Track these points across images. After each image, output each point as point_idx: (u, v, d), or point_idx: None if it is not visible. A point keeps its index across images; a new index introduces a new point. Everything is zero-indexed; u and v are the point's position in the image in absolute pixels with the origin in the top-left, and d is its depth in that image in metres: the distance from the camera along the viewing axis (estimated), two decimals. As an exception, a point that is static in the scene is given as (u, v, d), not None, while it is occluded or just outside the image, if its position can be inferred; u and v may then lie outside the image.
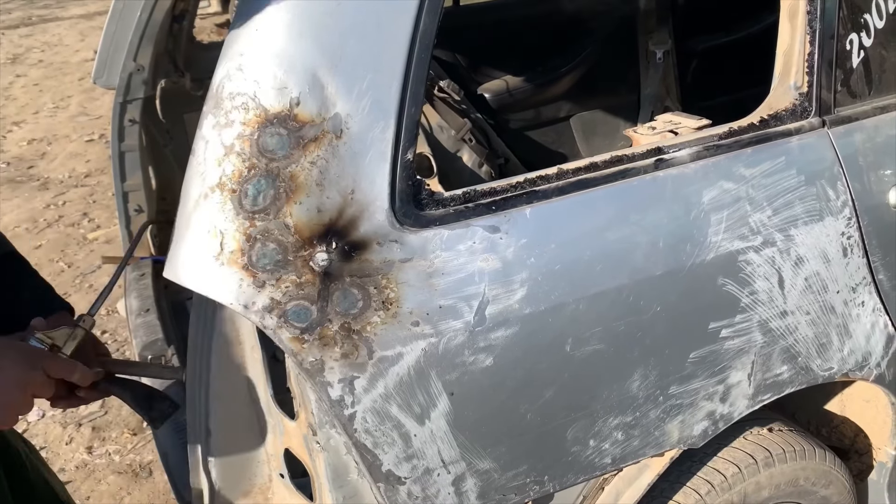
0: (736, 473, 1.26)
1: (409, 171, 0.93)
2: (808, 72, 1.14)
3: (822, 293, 1.14)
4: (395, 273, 0.92)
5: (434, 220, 0.94)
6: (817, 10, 1.13)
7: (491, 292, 0.95)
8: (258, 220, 0.87)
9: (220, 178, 0.88)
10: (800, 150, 1.12)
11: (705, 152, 1.08)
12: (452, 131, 2.26)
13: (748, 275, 1.08)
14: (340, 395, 0.90)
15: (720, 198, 1.06)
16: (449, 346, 0.93)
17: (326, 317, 0.89)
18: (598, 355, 1.01)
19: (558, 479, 1.05)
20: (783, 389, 1.16)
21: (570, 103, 2.52)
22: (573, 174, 1.02)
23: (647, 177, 1.05)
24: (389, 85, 0.91)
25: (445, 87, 2.23)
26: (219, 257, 0.87)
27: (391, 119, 0.91)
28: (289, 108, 0.88)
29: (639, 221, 1.03)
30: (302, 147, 0.88)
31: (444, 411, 0.95)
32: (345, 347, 0.90)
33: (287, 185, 0.88)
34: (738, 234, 1.07)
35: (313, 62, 0.88)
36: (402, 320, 0.92)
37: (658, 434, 1.09)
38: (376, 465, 0.93)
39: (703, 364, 1.08)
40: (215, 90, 0.89)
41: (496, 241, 0.96)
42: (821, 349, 1.17)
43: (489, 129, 2.35)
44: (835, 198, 1.13)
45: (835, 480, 1.37)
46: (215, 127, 0.88)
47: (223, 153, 0.88)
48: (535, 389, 0.99)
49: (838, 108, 1.17)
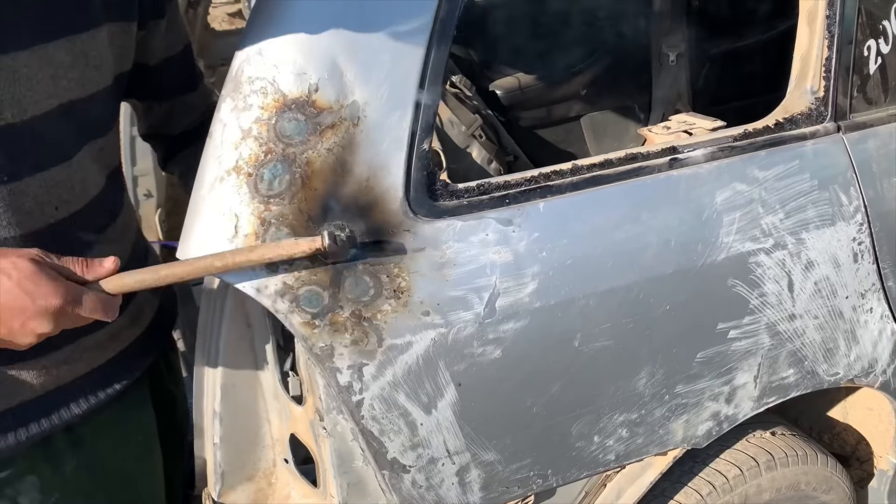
0: (738, 475, 1.26)
1: (425, 161, 0.93)
2: (825, 76, 1.14)
3: (831, 298, 1.14)
4: (408, 262, 0.92)
5: (447, 211, 0.95)
6: (836, 15, 1.13)
7: (502, 285, 0.95)
8: (273, 204, 0.88)
9: (236, 162, 0.88)
10: (814, 154, 1.12)
11: (720, 153, 1.08)
12: (463, 127, 2.26)
13: (758, 277, 1.08)
14: (349, 382, 0.90)
15: (733, 199, 1.06)
16: (458, 336, 0.94)
17: (338, 303, 0.90)
18: (605, 352, 1.02)
19: (561, 473, 1.05)
20: (788, 393, 1.16)
21: (581, 103, 2.51)
22: (587, 170, 1.02)
23: (660, 175, 1.05)
24: (408, 74, 0.91)
25: (457, 83, 2.23)
26: (233, 240, 0.88)
27: (408, 108, 0.91)
28: (307, 94, 0.88)
29: (651, 220, 1.03)
30: (319, 133, 0.89)
31: (451, 401, 0.95)
32: (355, 334, 0.90)
33: (303, 170, 0.88)
34: (749, 235, 1.07)
35: (333, 49, 0.89)
36: (413, 309, 0.92)
37: (662, 433, 1.09)
38: (382, 453, 0.94)
39: (710, 364, 1.08)
40: (234, 73, 0.89)
41: (509, 233, 0.96)
42: (827, 354, 1.17)
43: (499, 125, 2.35)
44: (847, 203, 1.13)
45: (836, 486, 1.37)
46: (233, 110, 0.89)
47: (240, 137, 0.88)
48: (542, 383, 1.00)
49: (854, 113, 1.17)
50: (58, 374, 0.93)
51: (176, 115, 1.16)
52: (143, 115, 1.18)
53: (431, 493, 0.98)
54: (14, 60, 0.83)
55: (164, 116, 1.16)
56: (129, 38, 0.99)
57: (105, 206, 0.98)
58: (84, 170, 0.93)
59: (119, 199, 1.04)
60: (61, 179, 0.90)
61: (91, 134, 0.95)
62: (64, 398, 0.95)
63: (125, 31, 0.97)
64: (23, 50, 0.83)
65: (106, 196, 0.98)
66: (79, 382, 0.96)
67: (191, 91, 1.16)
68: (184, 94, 1.15)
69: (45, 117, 0.87)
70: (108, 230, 0.99)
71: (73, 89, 0.89)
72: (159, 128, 1.18)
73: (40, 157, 0.88)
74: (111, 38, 0.94)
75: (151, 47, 1.05)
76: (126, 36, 0.98)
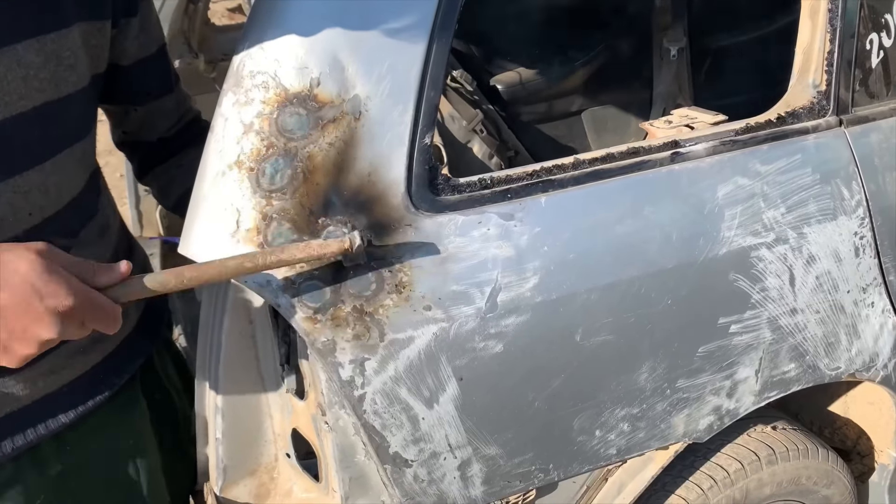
0: (739, 470, 1.26)
1: (426, 155, 0.93)
2: (827, 70, 1.14)
3: (833, 292, 1.14)
4: (409, 257, 0.92)
5: (449, 205, 0.94)
6: (838, 9, 1.13)
7: (503, 279, 0.95)
8: (275, 199, 0.88)
9: (238, 156, 0.88)
10: (816, 148, 1.12)
11: (721, 147, 1.08)
12: (464, 122, 2.25)
13: (760, 271, 1.08)
14: (351, 376, 0.91)
15: (735, 193, 1.06)
16: (460, 331, 0.94)
17: (340, 298, 0.90)
18: (607, 346, 1.02)
19: (563, 467, 1.05)
20: (790, 387, 1.16)
21: (582, 98, 2.51)
22: (589, 164, 1.02)
23: (662, 170, 1.05)
24: (409, 68, 0.91)
25: (458, 77, 2.22)
26: (234, 235, 0.88)
27: (410, 103, 0.91)
28: (309, 89, 0.88)
29: (653, 214, 1.03)
30: (321, 128, 0.88)
31: (453, 396, 0.95)
32: (357, 329, 0.90)
33: (305, 165, 0.88)
34: (751, 230, 1.07)
35: (335, 43, 0.88)
36: (415, 304, 0.92)
37: (664, 427, 1.09)
38: (384, 447, 0.94)
39: (712, 359, 1.09)
40: (236, 68, 0.89)
41: (510, 228, 0.96)
42: (829, 348, 1.17)
43: (500, 120, 2.35)
44: (849, 197, 1.13)
45: (836, 481, 1.37)
46: (235, 105, 0.89)
47: (242, 131, 0.88)
48: (543, 378, 1.00)
49: (856, 107, 1.17)
50: (44, 384, 0.91)
51: (152, 119, 1.12)
52: (117, 121, 1.13)
53: (433, 488, 0.98)
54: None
55: (140, 122, 1.12)
56: (104, 38, 0.95)
57: (80, 209, 0.95)
58: (59, 174, 0.89)
59: (95, 201, 1.00)
60: (36, 184, 0.86)
61: (67, 137, 0.91)
62: (51, 407, 0.92)
63: (99, 30, 0.94)
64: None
65: (81, 199, 0.95)
66: (65, 390, 0.94)
67: (167, 94, 1.12)
68: (160, 97, 1.11)
69: (18, 120, 0.82)
70: (82, 233, 0.95)
71: (46, 90, 0.86)
72: (135, 134, 1.14)
73: (14, 161, 0.84)
74: (84, 37, 0.91)
75: (124, 47, 1.02)
76: (100, 35, 0.94)
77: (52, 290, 0.69)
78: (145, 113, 1.12)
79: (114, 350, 1.00)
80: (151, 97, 1.11)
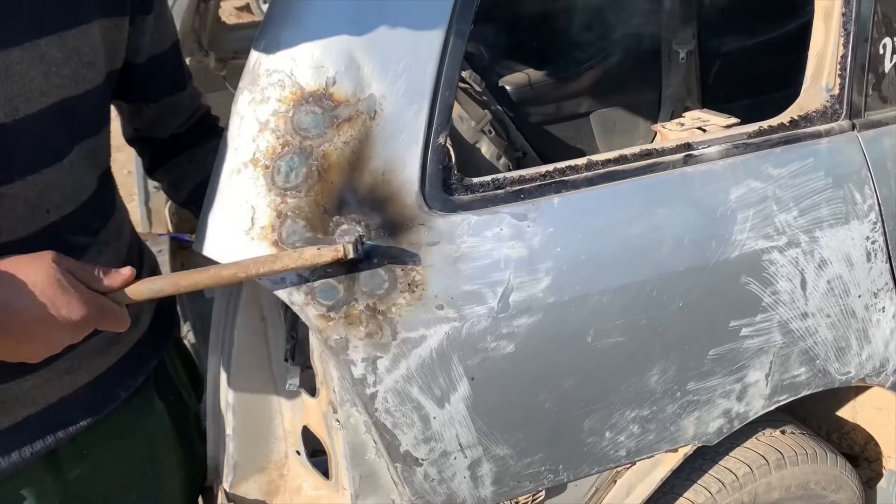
0: (747, 473, 1.26)
1: (441, 155, 0.93)
2: (840, 74, 1.14)
3: (844, 297, 1.14)
4: (422, 256, 0.92)
5: (462, 205, 0.95)
6: (852, 13, 1.13)
7: (516, 280, 0.95)
8: (290, 196, 0.88)
9: (253, 154, 0.88)
10: (829, 152, 1.12)
11: (734, 150, 1.08)
12: (472, 122, 2.26)
13: (771, 275, 1.08)
14: (363, 374, 0.91)
15: (747, 196, 1.06)
16: (472, 331, 0.94)
17: (353, 296, 0.90)
18: (618, 348, 1.02)
19: (573, 469, 1.06)
20: (800, 391, 1.16)
21: (590, 99, 2.51)
22: (602, 165, 1.02)
23: (675, 172, 1.05)
24: (424, 68, 0.91)
25: (467, 78, 2.23)
26: (249, 232, 0.88)
27: (425, 102, 0.91)
28: (324, 87, 0.88)
29: (665, 216, 1.03)
30: (336, 126, 0.89)
31: (464, 395, 0.95)
32: (369, 327, 0.90)
33: (319, 163, 0.89)
34: (763, 233, 1.07)
35: (350, 42, 0.89)
36: (427, 303, 0.92)
37: (674, 429, 1.09)
38: (395, 446, 0.94)
39: (723, 362, 1.08)
40: (252, 66, 0.90)
41: (523, 228, 0.96)
42: (839, 353, 1.17)
43: (509, 121, 2.35)
44: (861, 202, 1.13)
45: (845, 486, 1.37)
46: (251, 103, 0.89)
47: (258, 129, 0.88)
48: (554, 378, 1.00)
49: (869, 111, 1.16)
50: (60, 385, 0.92)
51: (164, 116, 1.13)
52: (129, 117, 1.14)
53: (443, 487, 0.98)
54: (6, 57, 0.79)
55: (153, 118, 1.12)
56: (122, 34, 0.95)
57: (97, 207, 0.95)
58: (76, 171, 0.90)
59: (111, 201, 1.01)
60: (53, 182, 0.86)
61: (83, 134, 0.91)
62: (68, 409, 0.93)
63: (117, 27, 0.94)
64: (15, 46, 0.80)
65: (98, 198, 0.95)
66: (82, 392, 0.94)
67: (180, 91, 1.12)
68: (173, 94, 1.11)
69: (38, 117, 0.83)
70: (102, 233, 0.96)
71: (67, 87, 0.86)
72: (147, 130, 1.15)
73: (32, 159, 0.84)
74: (103, 33, 0.91)
75: (139, 44, 1.01)
76: (118, 31, 0.94)
77: (65, 301, 0.74)
78: (158, 109, 1.12)
79: (128, 352, 1.00)
80: (165, 94, 1.11)
